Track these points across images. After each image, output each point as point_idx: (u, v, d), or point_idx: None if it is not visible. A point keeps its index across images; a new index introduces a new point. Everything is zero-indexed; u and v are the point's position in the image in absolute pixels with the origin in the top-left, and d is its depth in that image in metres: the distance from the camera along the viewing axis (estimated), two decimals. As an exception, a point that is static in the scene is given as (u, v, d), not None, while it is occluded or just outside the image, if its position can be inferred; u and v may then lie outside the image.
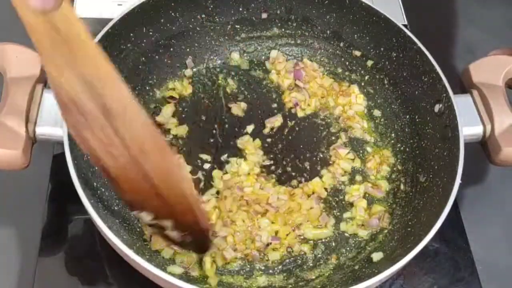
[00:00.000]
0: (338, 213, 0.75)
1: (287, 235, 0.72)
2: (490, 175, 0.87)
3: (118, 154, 0.53)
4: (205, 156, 0.78)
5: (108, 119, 0.51)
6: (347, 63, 0.88)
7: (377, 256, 0.70)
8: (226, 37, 0.87)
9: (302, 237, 0.73)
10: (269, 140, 0.81)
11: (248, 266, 0.70)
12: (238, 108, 0.83)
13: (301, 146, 0.81)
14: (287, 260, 0.71)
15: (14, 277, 0.70)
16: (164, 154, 0.55)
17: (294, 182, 0.77)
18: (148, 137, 0.53)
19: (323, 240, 0.73)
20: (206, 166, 0.77)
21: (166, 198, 0.56)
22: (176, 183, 0.57)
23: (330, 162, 0.80)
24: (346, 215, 0.75)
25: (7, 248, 0.73)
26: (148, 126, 0.53)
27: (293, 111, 0.84)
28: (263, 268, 0.70)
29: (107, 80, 0.51)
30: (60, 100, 0.51)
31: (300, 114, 0.84)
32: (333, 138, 0.82)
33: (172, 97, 0.82)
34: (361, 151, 0.81)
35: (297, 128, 0.83)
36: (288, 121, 0.83)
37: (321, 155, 0.80)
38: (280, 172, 0.78)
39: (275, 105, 0.85)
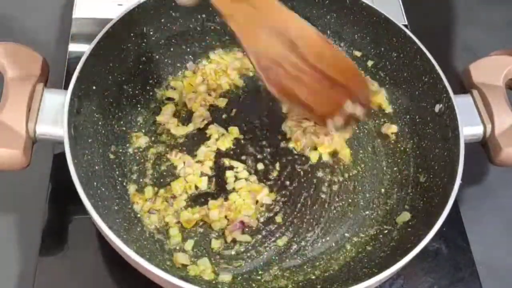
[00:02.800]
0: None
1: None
2: (490, 176, 0.87)
3: (308, 78, 0.68)
4: (205, 156, 0.78)
5: (295, 52, 0.65)
6: (347, 63, 0.88)
7: (378, 255, 0.70)
8: (227, 37, 0.87)
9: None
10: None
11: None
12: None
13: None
14: (288, 260, 0.71)
15: (14, 277, 0.70)
16: (328, 44, 0.68)
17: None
18: (317, 41, 0.67)
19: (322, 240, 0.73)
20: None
21: (345, 84, 0.70)
22: (348, 64, 0.71)
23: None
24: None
25: (7, 248, 0.73)
26: (316, 32, 0.67)
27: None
28: (265, 267, 0.70)
29: (288, 20, 0.65)
30: (261, 67, 0.65)
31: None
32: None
33: (169, 98, 0.82)
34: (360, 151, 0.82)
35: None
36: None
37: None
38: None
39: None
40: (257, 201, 0.74)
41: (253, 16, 0.63)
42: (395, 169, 0.80)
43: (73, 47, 0.87)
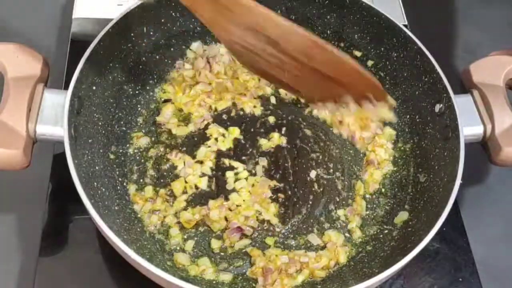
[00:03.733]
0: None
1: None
2: (490, 175, 0.87)
3: (290, 68, 0.65)
4: (205, 156, 0.78)
5: (273, 45, 0.63)
6: (347, 63, 0.88)
7: (378, 255, 0.70)
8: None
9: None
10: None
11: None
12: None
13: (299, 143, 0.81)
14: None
15: (14, 277, 0.70)
16: (321, 48, 0.64)
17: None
18: (307, 44, 0.63)
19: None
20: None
21: (339, 80, 0.66)
22: (342, 62, 0.65)
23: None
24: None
25: (7, 248, 0.73)
26: (304, 35, 0.63)
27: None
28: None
29: (261, 17, 0.61)
30: (234, 52, 0.66)
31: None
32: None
33: (166, 100, 0.82)
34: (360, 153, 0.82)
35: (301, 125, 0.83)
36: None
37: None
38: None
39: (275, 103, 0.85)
40: (257, 201, 0.74)
41: (221, 12, 0.61)
42: (395, 169, 0.80)
43: (73, 47, 0.87)
